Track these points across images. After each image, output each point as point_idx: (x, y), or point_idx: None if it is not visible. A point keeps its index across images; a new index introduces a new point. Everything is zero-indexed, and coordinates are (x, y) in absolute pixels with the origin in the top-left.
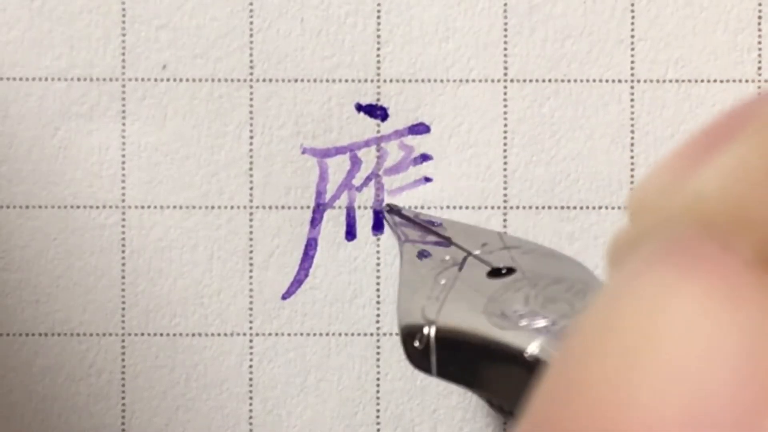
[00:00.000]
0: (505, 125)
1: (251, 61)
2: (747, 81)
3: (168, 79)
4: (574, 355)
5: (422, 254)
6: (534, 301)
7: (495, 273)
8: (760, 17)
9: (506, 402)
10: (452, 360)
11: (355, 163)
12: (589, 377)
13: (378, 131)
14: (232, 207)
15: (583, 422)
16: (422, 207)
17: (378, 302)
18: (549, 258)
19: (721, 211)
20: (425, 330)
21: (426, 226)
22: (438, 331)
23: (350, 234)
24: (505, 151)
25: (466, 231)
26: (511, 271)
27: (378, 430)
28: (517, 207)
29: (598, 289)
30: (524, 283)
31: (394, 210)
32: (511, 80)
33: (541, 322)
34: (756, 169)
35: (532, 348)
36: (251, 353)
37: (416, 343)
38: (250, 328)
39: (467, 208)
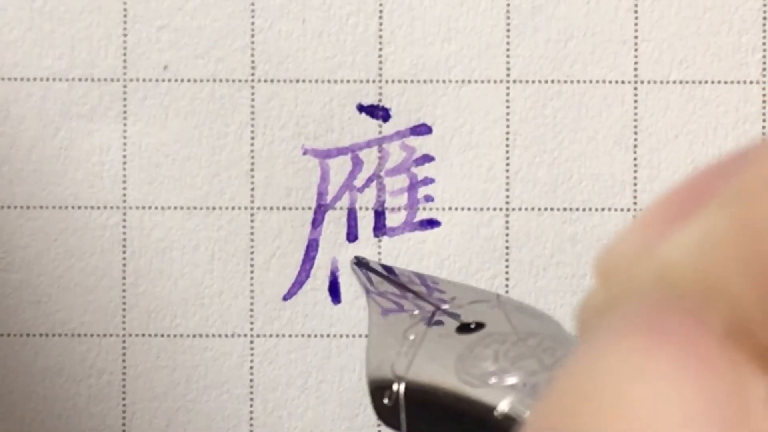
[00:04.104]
0: (508, 126)
1: (253, 62)
2: (752, 82)
3: (169, 80)
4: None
5: (390, 308)
6: (503, 357)
7: (464, 328)
8: (765, 18)
9: None
10: (422, 417)
11: (357, 164)
12: None
13: (380, 132)
14: (233, 208)
15: None
16: (424, 209)
17: None
18: (518, 312)
19: (691, 283)
20: (394, 387)
21: (394, 279)
22: (407, 388)
23: (351, 235)
24: (507, 152)
25: (435, 284)
26: (480, 326)
27: (379, 431)
28: (520, 208)
29: (567, 344)
30: (493, 339)
31: (362, 263)
32: (514, 81)
33: (510, 380)
34: (725, 241)
35: (502, 406)
36: (252, 354)
37: (385, 400)
38: (251, 329)
39: (469, 209)
